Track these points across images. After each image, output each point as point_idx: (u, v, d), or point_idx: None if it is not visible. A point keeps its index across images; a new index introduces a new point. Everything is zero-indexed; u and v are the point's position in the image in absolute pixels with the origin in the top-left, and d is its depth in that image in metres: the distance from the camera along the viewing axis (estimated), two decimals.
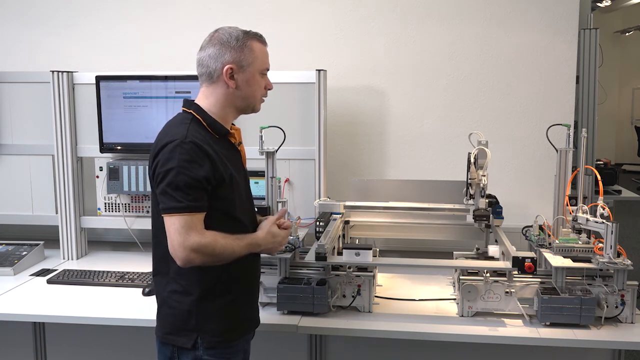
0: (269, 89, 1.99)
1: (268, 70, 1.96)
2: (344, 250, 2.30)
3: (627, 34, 11.47)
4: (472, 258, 2.62)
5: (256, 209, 2.12)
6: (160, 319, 1.93)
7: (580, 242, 2.37)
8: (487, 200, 2.52)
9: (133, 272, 2.77)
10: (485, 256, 2.55)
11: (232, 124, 2.00)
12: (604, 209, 2.31)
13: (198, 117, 1.87)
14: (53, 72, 3.00)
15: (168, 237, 1.77)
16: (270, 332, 2.24)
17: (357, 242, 2.82)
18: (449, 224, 2.76)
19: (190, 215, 1.76)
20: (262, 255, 2.06)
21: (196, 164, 1.76)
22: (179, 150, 1.76)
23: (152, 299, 2.00)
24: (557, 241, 2.39)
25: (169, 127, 1.88)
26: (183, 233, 1.74)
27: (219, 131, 1.89)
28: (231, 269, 1.86)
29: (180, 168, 1.75)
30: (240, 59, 1.86)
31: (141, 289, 2.60)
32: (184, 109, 1.91)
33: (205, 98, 1.90)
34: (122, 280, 2.71)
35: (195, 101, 1.92)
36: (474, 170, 2.46)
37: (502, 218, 2.59)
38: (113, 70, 3.04)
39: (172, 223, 1.75)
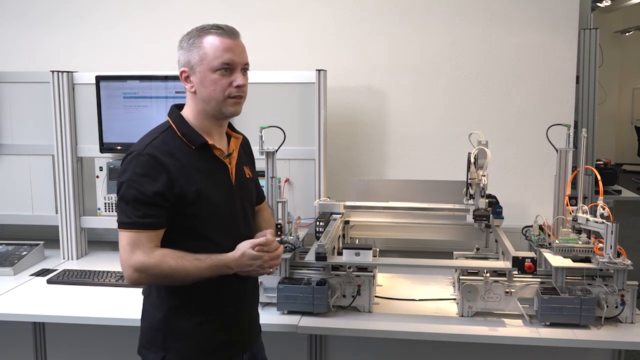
0: (238, 86, 1.74)
1: (229, 65, 1.73)
2: (344, 250, 2.30)
3: (627, 34, 11.48)
4: (472, 258, 2.62)
5: None
6: (141, 330, 1.88)
7: (580, 242, 2.37)
8: (487, 200, 2.52)
9: None
10: None
11: (234, 132, 1.91)
12: (604, 209, 2.31)
13: (173, 126, 1.78)
14: (53, 72, 3.00)
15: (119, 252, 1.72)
16: (270, 332, 2.24)
17: (357, 242, 2.81)
18: (449, 224, 2.76)
19: (137, 233, 1.68)
20: None
21: (148, 178, 1.67)
22: (134, 162, 1.69)
23: None
24: (557, 241, 2.39)
25: (143, 136, 1.79)
26: (128, 250, 1.68)
27: (194, 141, 1.76)
28: (195, 290, 1.76)
29: (131, 182, 1.68)
30: (189, 60, 1.75)
31: (141, 289, 2.59)
32: (167, 116, 1.83)
33: (187, 105, 1.82)
34: (122, 280, 2.70)
35: (181, 110, 1.82)
36: (474, 170, 2.45)
37: (502, 218, 2.59)
38: (113, 70, 3.04)
39: (121, 239, 1.70)
